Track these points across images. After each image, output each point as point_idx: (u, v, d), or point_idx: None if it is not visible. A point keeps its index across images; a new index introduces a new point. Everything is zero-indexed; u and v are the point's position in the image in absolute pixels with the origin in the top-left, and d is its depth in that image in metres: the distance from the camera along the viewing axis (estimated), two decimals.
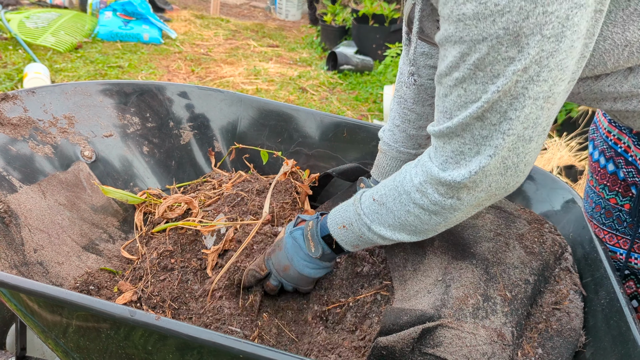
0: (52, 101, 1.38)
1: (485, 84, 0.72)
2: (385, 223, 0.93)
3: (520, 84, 0.70)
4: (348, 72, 4.91)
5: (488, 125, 0.75)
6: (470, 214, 0.88)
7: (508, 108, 0.72)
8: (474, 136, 0.77)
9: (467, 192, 0.81)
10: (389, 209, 0.92)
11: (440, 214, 0.86)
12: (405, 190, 0.88)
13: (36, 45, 4.45)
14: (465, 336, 0.86)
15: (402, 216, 0.90)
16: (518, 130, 0.74)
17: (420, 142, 1.22)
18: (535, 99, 0.72)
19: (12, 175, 1.19)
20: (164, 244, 1.29)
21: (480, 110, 0.74)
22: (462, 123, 0.77)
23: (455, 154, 0.80)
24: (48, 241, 1.17)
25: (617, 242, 1.13)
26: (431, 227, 0.90)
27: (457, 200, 0.83)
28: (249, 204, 1.35)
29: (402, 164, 1.23)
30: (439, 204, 0.84)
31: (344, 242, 1.01)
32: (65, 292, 0.81)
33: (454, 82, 0.75)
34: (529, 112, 0.73)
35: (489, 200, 0.85)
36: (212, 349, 0.77)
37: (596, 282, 1.01)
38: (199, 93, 1.60)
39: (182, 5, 7.09)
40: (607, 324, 0.91)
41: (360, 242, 1.00)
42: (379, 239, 0.96)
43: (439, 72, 0.78)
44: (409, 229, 0.91)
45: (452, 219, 0.87)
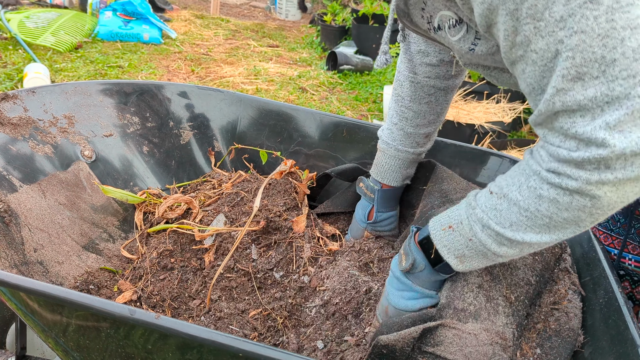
0: (52, 101, 1.38)
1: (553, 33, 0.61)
2: (506, 221, 0.75)
3: (602, 19, 0.58)
4: (348, 72, 4.91)
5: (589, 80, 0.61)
6: (627, 194, 0.66)
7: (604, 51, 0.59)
8: (579, 102, 0.62)
9: (617, 159, 0.62)
10: (513, 201, 0.74)
11: (584, 191, 0.66)
12: (534, 171, 0.71)
13: (36, 45, 4.46)
14: (466, 336, 0.85)
15: (531, 205, 0.72)
16: (634, 69, 0.59)
17: (419, 141, 1.22)
18: (634, 28, 0.58)
19: (12, 175, 1.20)
20: (163, 244, 1.29)
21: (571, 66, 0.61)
22: (557, 91, 0.63)
23: (566, 129, 0.64)
24: (48, 240, 1.18)
25: (612, 242, 1.14)
26: (572, 217, 0.69)
27: (606, 170, 0.63)
28: (248, 203, 1.35)
29: (401, 163, 1.23)
30: (582, 179, 0.65)
31: (446, 249, 0.83)
32: (66, 291, 0.81)
33: (523, 48, 0.65)
34: (636, 45, 0.58)
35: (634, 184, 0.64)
36: (212, 347, 0.77)
37: (595, 281, 1.01)
38: (199, 93, 1.61)
39: (182, 5, 7.09)
40: (606, 323, 0.91)
41: (467, 250, 0.81)
42: (493, 243, 0.77)
43: (504, 51, 0.68)
44: (540, 222, 0.72)
45: (601, 200, 0.66)
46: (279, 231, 1.27)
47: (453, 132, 3.23)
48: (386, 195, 1.27)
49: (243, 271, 1.22)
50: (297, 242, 1.26)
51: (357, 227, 1.32)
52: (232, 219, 1.32)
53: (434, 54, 1.11)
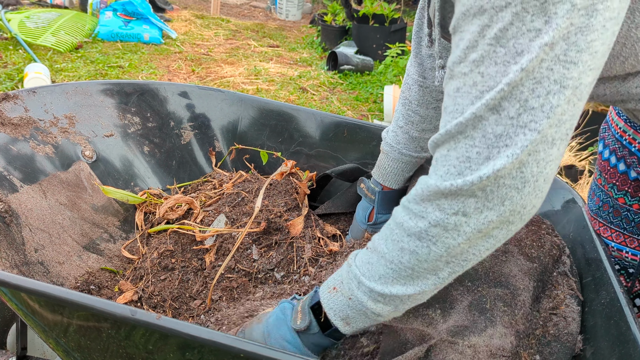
0: (53, 101, 1.38)
1: (506, 64, 0.61)
2: (376, 274, 0.77)
3: (545, 64, 0.60)
4: (348, 72, 4.91)
5: (505, 118, 0.62)
6: (475, 246, 0.70)
7: (530, 95, 0.61)
8: (485, 135, 0.64)
9: (475, 205, 0.66)
10: (380, 254, 0.77)
11: (440, 240, 0.69)
12: (397, 223, 0.74)
13: (36, 45, 4.46)
14: (466, 351, 0.84)
15: (395, 258, 0.74)
16: (542, 125, 0.61)
17: (423, 146, 1.22)
18: (562, 87, 0.60)
19: (13, 175, 1.19)
20: (164, 244, 1.29)
21: (498, 98, 0.62)
22: (474, 117, 0.64)
23: (460, 161, 0.66)
24: (49, 241, 1.18)
25: (624, 240, 1.13)
26: (431, 266, 0.73)
27: (462, 217, 0.67)
28: (249, 204, 1.35)
29: (404, 166, 1.23)
30: (440, 224, 0.68)
31: (332, 312, 0.82)
32: (67, 291, 0.81)
33: (470, 66, 0.64)
34: (555, 103, 0.61)
35: (499, 229, 0.68)
36: (213, 348, 0.77)
37: (596, 282, 1.01)
38: (200, 93, 1.61)
39: (182, 5, 7.09)
40: (608, 324, 0.91)
41: (350, 311, 0.80)
42: (369, 300, 0.78)
43: (451, 61, 0.67)
44: (404, 274, 0.74)
45: (454, 249, 0.70)
46: (279, 231, 1.27)
47: None
48: (387, 197, 1.27)
49: (244, 271, 1.22)
50: (298, 242, 1.26)
51: (357, 228, 1.32)
52: (233, 219, 1.32)
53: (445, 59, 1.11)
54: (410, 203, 0.72)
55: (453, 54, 0.67)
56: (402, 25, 5.27)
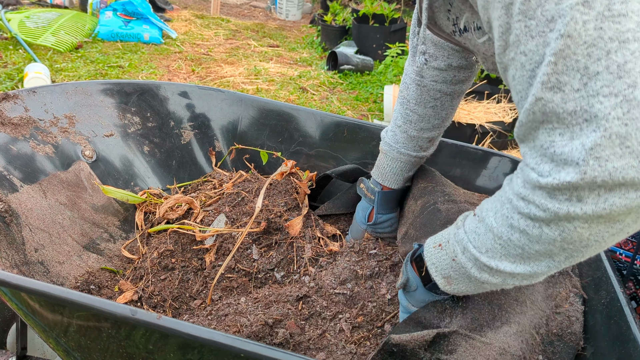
0: (53, 101, 1.38)
1: (542, 34, 0.57)
2: (483, 246, 0.73)
3: (591, 25, 0.54)
4: (348, 72, 4.91)
5: (570, 92, 0.56)
6: (597, 232, 0.61)
7: (588, 61, 0.55)
8: (559, 116, 0.58)
9: (590, 190, 0.58)
10: (489, 226, 0.72)
11: (555, 223, 0.63)
12: (507, 199, 0.69)
13: (36, 45, 4.45)
14: (480, 346, 0.84)
15: (504, 234, 0.69)
16: (617, 87, 0.54)
17: (422, 145, 1.22)
18: (622, 42, 0.53)
19: (13, 175, 1.19)
20: (164, 244, 1.29)
21: (552, 72, 0.56)
22: (536, 100, 0.59)
23: (545, 148, 0.60)
24: (49, 240, 1.18)
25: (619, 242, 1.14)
26: (543, 249, 0.66)
27: (577, 203, 0.59)
28: (249, 204, 1.35)
29: (403, 165, 1.23)
30: (550, 210, 0.62)
31: (434, 267, 0.82)
32: (67, 291, 0.81)
33: (514, 50, 0.61)
34: (621, 61, 0.53)
35: (626, 214, 0.58)
36: (213, 348, 0.77)
37: (596, 282, 1.01)
38: (200, 93, 1.60)
39: (182, 5, 7.09)
40: (608, 324, 0.91)
41: (452, 272, 0.79)
42: (473, 268, 0.75)
43: (497, 54, 0.64)
44: (514, 252, 0.69)
45: (572, 235, 0.62)
46: (279, 231, 1.27)
47: (453, 132, 3.23)
48: (386, 197, 1.27)
49: (244, 271, 1.22)
50: (298, 242, 1.26)
51: (357, 229, 1.32)
52: (233, 219, 1.32)
53: (442, 58, 1.10)
54: (518, 187, 0.67)
55: (495, 46, 0.65)
56: (402, 25, 5.27)
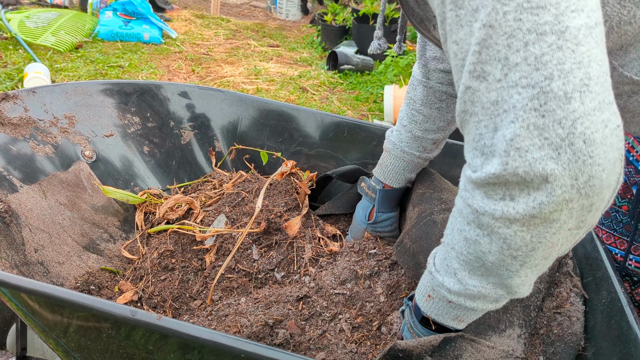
0: (53, 101, 1.38)
1: (469, 24, 0.58)
2: (451, 270, 0.73)
3: (511, 15, 0.55)
4: (348, 72, 4.90)
5: (493, 82, 0.57)
6: (537, 235, 0.60)
7: (508, 51, 0.55)
8: (483, 106, 0.59)
9: (518, 187, 0.58)
10: (450, 246, 0.72)
11: (495, 230, 0.62)
12: (458, 210, 0.69)
13: (36, 44, 4.45)
14: (485, 350, 0.84)
15: (463, 250, 0.69)
16: (535, 78, 0.55)
17: (426, 146, 1.22)
18: (539, 34, 0.54)
19: (13, 175, 1.19)
20: (164, 244, 1.29)
21: (477, 62, 0.58)
22: (465, 89, 0.60)
23: (475, 140, 0.61)
24: (49, 241, 1.17)
25: (614, 242, 1.14)
26: (498, 261, 0.65)
27: (510, 202, 0.59)
28: (249, 204, 1.35)
29: (406, 165, 1.23)
30: (488, 213, 0.62)
31: (441, 317, 0.80)
32: (67, 291, 0.81)
33: (448, 39, 0.62)
34: (539, 52, 0.54)
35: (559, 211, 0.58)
36: (213, 348, 0.77)
37: (597, 281, 1.01)
38: (200, 93, 1.60)
39: (182, 5, 7.08)
40: (608, 324, 0.91)
41: (457, 310, 0.77)
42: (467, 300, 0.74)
43: (441, 41, 0.66)
44: (476, 266, 0.68)
45: (514, 241, 0.62)
46: (280, 232, 1.27)
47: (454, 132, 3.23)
48: (387, 196, 1.27)
49: (244, 271, 1.21)
50: (298, 242, 1.26)
51: (357, 228, 1.31)
52: (233, 219, 1.32)
53: (447, 61, 1.11)
54: (461, 190, 0.67)
55: (439, 36, 0.66)
56: None
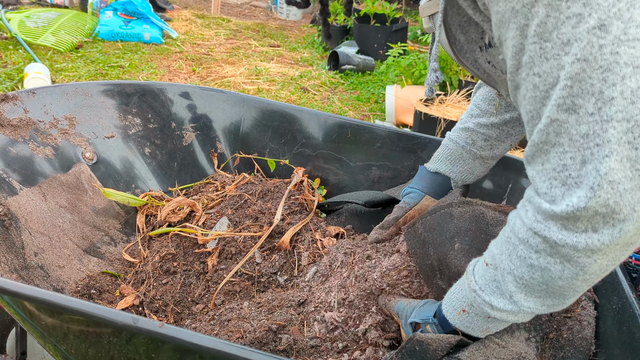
0: (53, 102, 1.36)
1: (557, 57, 0.57)
2: (506, 292, 0.73)
3: (607, 49, 0.54)
4: (349, 72, 4.89)
5: (584, 116, 0.57)
6: (618, 257, 0.62)
7: (603, 85, 0.55)
8: (572, 138, 0.58)
9: (603, 220, 0.59)
10: (507, 271, 0.72)
11: (574, 260, 0.63)
12: (520, 239, 0.69)
13: (36, 44, 4.44)
14: (493, 347, 0.84)
15: (525, 275, 0.69)
16: (631, 112, 0.55)
17: (475, 139, 1.17)
18: (637, 67, 0.54)
19: (12, 178, 1.18)
20: (166, 247, 1.27)
21: (567, 96, 0.57)
22: (551, 121, 0.59)
23: (557, 171, 0.61)
24: (49, 244, 1.16)
25: None
26: (567, 285, 0.66)
27: (593, 234, 0.60)
28: (252, 206, 1.33)
29: (449, 153, 1.17)
30: (569, 245, 0.62)
31: (471, 330, 0.82)
32: (67, 298, 0.80)
33: (526, 71, 0.61)
34: (635, 87, 0.54)
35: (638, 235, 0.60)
36: (217, 356, 0.75)
37: (607, 287, 0.99)
38: (201, 94, 1.59)
39: (183, 5, 7.07)
40: (620, 330, 0.89)
41: (491, 324, 0.79)
42: (509, 315, 0.75)
43: (509, 72, 0.65)
44: (538, 289, 0.69)
45: (592, 268, 0.63)
46: (282, 235, 1.25)
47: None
48: (421, 173, 1.21)
49: (247, 275, 1.20)
50: (298, 247, 1.24)
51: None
52: (236, 221, 1.30)
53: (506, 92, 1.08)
54: (530, 221, 0.67)
55: (508, 65, 0.65)
56: (403, 25, 5.25)
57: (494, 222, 1.01)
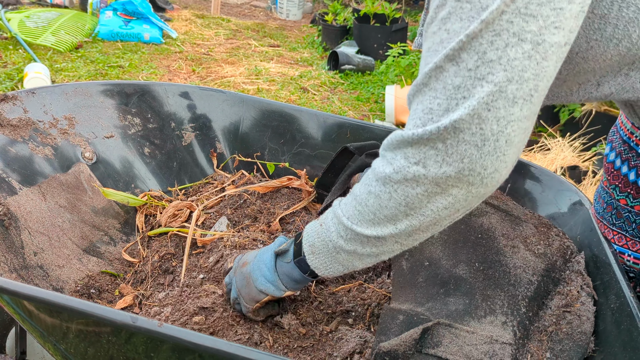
0: (53, 102, 1.37)
1: (471, 19, 0.63)
2: (347, 212, 0.80)
3: (506, 17, 0.61)
4: (349, 72, 4.89)
5: (463, 70, 0.64)
6: (433, 201, 0.71)
7: (488, 48, 0.62)
8: (445, 86, 0.65)
9: (435, 157, 0.67)
10: (354, 195, 0.80)
11: (400, 187, 0.71)
12: (372, 168, 0.77)
13: (36, 44, 4.44)
14: (464, 335, 0.86)
15: (363, 200, 0.77)
16: (499, 78, 0.62)
17: None
18: (521, 40, 0.61)
19: (12, 177, 1.18)
20: (165, 247, 1.27)
21: (457, 49, 0.63)
22: (436, 67, 0.65)
23: (424, 112, 0.68)
24: (48, 244, 1.16)
25: (626, 243, 1.12)
26: (390, 213, 0.74)
27: (422, 168, 0.68)
28: (251, 206, 1.34)
29: None
30: (402, 171, 0.70)
31: (305, 237, 0.87)
32: (66, 297, 0.80)
33: (438, 25, 0.66)
34: (513, 56, 0.62)
35: (457, 187, 0.69)
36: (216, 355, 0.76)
37: (605, 285, 0.99)
38: (201, 93, 1.59)
39: (182, 5, 7.07)
40: (618, 329, 0.89)
41: (317, 238, 0.85)
42: (334, 233, 0.82)
43: (425, 23, 0.70)
44: (367, 217, 0.77)
45: (412, 199, 0.71)
46: (279, 231, 1.25)
47: None
48: None
49: None
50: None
51: None
52: (235, 221, 1.30)
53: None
54: (384, 150, 0.75)
55: (428, 16, 0.70)
56: (403, 25, 5.25)
57: (477, 212, 1.05)
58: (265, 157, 1.57)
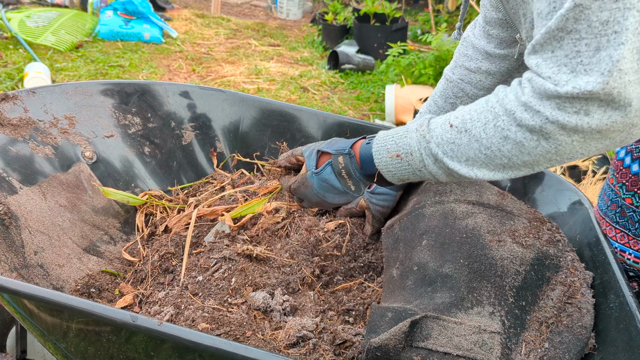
0: (53, 101, 1.37)
1: None
2: (463, 156, 0.76)
3: None
4: (349, 72, 4.89)
5: (609, 2, 0.59)
6: (587, 146, 0.67)
7: None
8: (591, 24, 0.60)
9: (599, 105, 0.62)
10: (475, 137, 0.74)
11: (554, 137, 0.67)
12: (506, 110, 0.71)
13: (37, 44, 4.44)
14: (452, 326, 0.86)
15: (494, 144, 0.72)
16: None
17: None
18: None
19: (12, 177, 1.18)
20: (165, 246, 1.27)
21: None
22: (574, 6, 0.60)
23: (569, 58, 0.63)
24: (49, 243, 1.16)
25: (628, 241, 1.12)
26: (531, 160, 0.71)
27: (584, 116, 0.64)
28: None
29: None
30: (559, 121, 0.65)
31: (391, 175, 0.85)
32: (66, 296, 0.80)
33: None
34: None
35: (619, 131, 0.64)
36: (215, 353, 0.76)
37: (605, 284, 0.99)
38: (201, 93, 1.59)
39: (183, 4, 7.07)
40: (617, 328, 0.90)
41: (413, 176, 0.83)
42: (443, 175, 0.79)
43: None
44: (498, 162, 0.73)
45: (565, 146, 0.68)
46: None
47: None
48: None
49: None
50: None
51: None
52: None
53: (475, 60, 1.13)
54: (526, 97, 0.69)
55: None
56: (403, 24, 5.25)
57: (463, 216, 1.06)
58: (265, 156, 1.57)
